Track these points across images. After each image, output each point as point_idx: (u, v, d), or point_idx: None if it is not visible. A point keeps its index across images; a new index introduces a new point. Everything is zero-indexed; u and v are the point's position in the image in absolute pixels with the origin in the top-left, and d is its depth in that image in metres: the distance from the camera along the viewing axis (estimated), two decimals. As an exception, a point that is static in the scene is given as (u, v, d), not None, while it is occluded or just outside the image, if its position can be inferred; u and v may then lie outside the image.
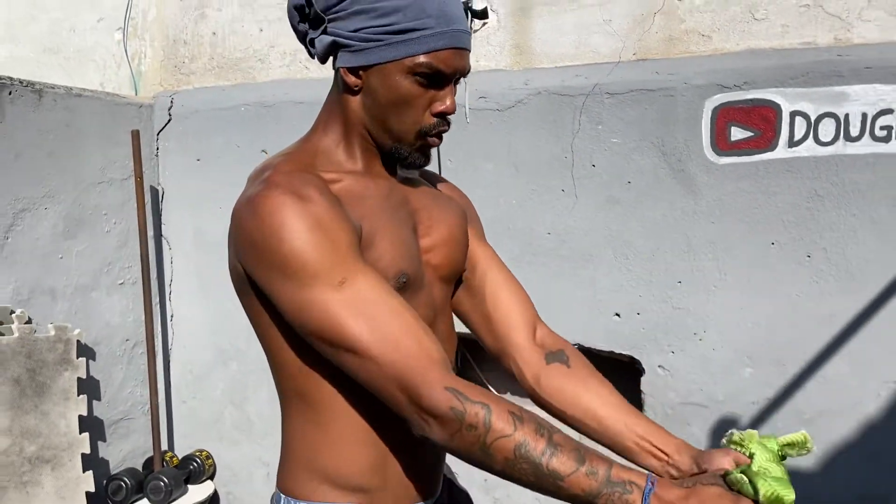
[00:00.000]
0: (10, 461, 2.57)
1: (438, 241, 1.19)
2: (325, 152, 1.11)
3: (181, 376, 3.24)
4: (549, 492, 0.92)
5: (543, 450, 0.90)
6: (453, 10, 1.05)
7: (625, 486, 0.89)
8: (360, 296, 0.96)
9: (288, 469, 1.13)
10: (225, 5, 3.18)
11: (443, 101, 1.07)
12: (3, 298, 2.65)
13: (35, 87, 2.77)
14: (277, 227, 0.95)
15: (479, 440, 0.91)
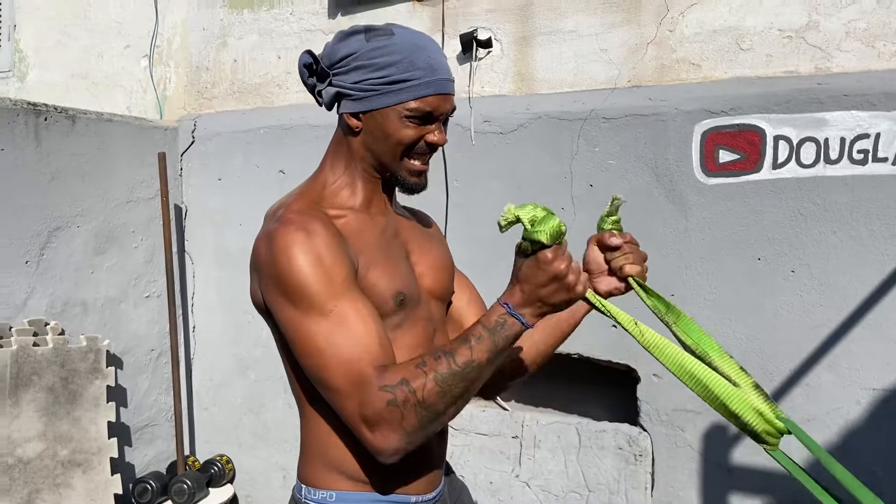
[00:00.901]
0: (45, 464, 2.74)
1: (429, 267, 1.36)
2: (332, 191, 1.28)
3: (202, 385, 3.41)
4: (479, 378, 1.09)
5: (448, 362, 1.07)
6: (439, 62, 1.23)
7: (500, 322, 1.09)
8: (340, 324, 1.11)
9: (305, 463, 1.28)
10: (245, 34, 3.38)
11: (433, 133, 1.24)
12: (39, 311, 2.84)
13: (68, 112, 2.97)
14: (287, 260, 1.12)
15: (417, 404, 1.06)
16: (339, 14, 3.16)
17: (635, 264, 1.27)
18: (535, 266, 1.08)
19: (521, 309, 1.09)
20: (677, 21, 2.61)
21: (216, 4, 3.45)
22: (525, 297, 1.09)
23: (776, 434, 1.05)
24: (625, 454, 2.57)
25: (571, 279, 1.08)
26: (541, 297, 1.09)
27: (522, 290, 1.09)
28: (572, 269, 1.09)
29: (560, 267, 1.07)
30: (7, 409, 2.63)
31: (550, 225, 1.06)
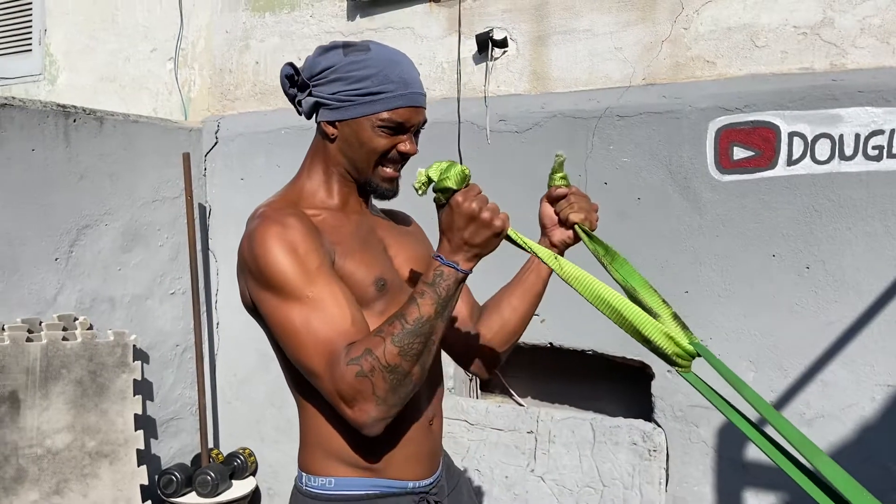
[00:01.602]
0: (73, 455, 2.83)
1: (407, 259, 1.42)
2: (309, 192, 1.35)
3: (226, 379, 3.49)
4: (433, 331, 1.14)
5: (401, 323, 1.13)
6: (411, 76, 1.31)
7: (437, 274, 1.15)
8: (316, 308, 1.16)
9: (305, 452, 1.34)
10: (267, 37, 3.45)
11: (404, 143, 1.32)
12: (68, 307, 2.93)
13: (96, 114, 3.06)
14: (264, 252, 1.19)
15: (383, 369, 1.11)
16: (357, 16, 3.21)
17: (579, 212, 1.35)
18: (451, 212, 1.15)
19: (453, 256, 1.15)
20: (692, 19, 2.62)
21: (239, 8, 3.52)
22: (452, 245, 1.15)
23: (687, 357, 1.09)
24: (639, 449, 2.59)
25: (486, 216, 1.13)
26: (465, 240, 1.14)
27: (448, 238, 1.16)
28: (487, 208, 1.14)
29: (472, 206, 1.13)
30: (37, 401, 2.72)
31: (454, 171, 1.15)
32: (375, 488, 1.28)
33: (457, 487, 1.49)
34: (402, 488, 1.30)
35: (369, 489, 1.28)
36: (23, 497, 2.66)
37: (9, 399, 2.65)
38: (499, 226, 1.14)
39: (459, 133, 2.88)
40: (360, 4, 3.19)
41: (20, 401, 2.68)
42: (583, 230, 1.34)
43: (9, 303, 2.73)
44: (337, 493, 1.27)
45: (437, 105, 2.97)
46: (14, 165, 2.74)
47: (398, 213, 1.58)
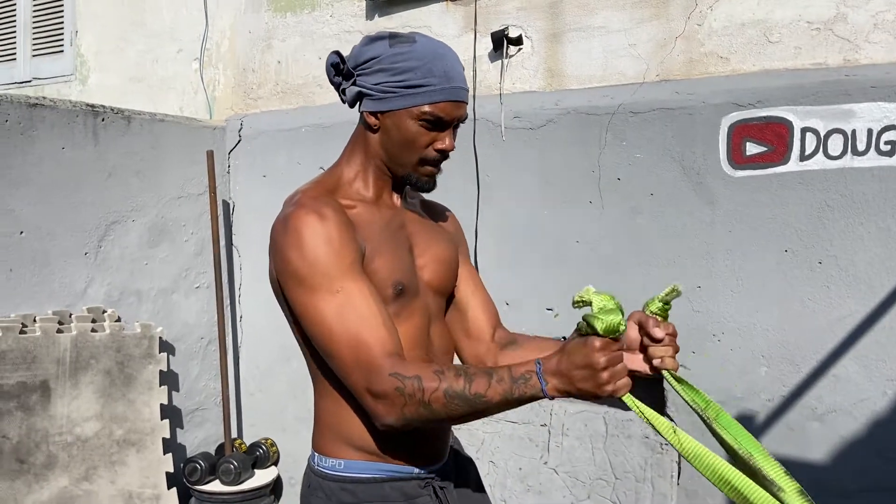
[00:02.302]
0: (102, 443, 2.93)
1: (431, 260, 1.43)
2: (346, 181, 1.38)
3: (249, 371, 3.57)
4: (483, 411, 1.14)
5: (464, 384, 1.13)
6: (455, 70, 1.31)
7: (525, 377, 1.12)
8: (347, 303, 1.20)
9: (319, 435, 1.39)
10: (288, 37, 3.52)
11: (443, 140, 1.32)
12: (97, 299, 3.03)
13: (124, 113, 3.16)
14: (298, 241, 1.22)
15: (421, 402, 1.13)
16: (376, 15, 3.27)
17: (673, 358, 1.24)
18: (580, 346, 1.10)
19: (549, 377, 1.11)
20: (706, 15, 2.63)
21: (261, 8, 3.60)
22: (558, 367, 1.11)
23: None
24: (651, 443, 2.62)
25: (604, 376, 1.08)
26: (571, 375, 1.10)
27: (559, 360, 1.11)
28: (611, 370, 1.08)
29: (599, 359, 1.07)
30: (67, 391, 2.83)
31: (610, 318, 1.08)
32: (382, 472, 1.33)
33: (464, 474, 1.52)
34: (408, 473, 1.34)
35: (376, 473, 1.32)
36: (53, 483, 2.76)
37: (40, 388, 2.75)
38: (607, 391, 1.10)
39: (475, 130, 2.92)
40: (379, 4, 3.25)
41: (51, 390, 2.79)
42: (677, 380, 1.20)
43: (40, 295, 2.84)
44: (346, 475, 1.32)
45: (453, 102, 3.02)
46: (45, 164, 2.84)
47: (437, 206, 1.59)
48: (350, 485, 1.32)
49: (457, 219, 1.64)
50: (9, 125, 2.72)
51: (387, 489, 1.32)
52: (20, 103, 2.76)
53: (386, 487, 1.33)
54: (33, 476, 2.71)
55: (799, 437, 2.42)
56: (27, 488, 2.69)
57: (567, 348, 1.12)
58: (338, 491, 1.32)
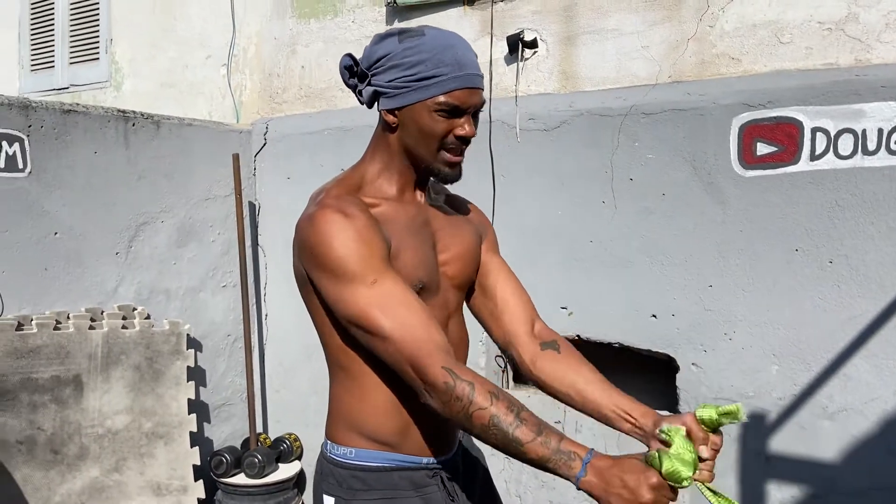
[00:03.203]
0: (131, 435, 3.05)
1: (453, 256, 1.47)
2: (370, 180, 1.41)
3: (274, 368, 3.67)
4: (513, 454, 1.16)
5: (511, 422, 1.14)
6: (466, 58, 1.31)
7: (570, 455, 1.13)
8: (385, 293, 1.24)
9: (332, 423, 1.45)
10: (312, 42, 3.62)
11: (462, 127, 1.33)
12: (127, 297, 3.15)
13: (153, 118, 3.28)
14: (327, 238, 1.26)
15: (464, 409, 1.16)
16: (395, 20, 3.35)
17: (710, 472, 1.25)
18: (638, 471, 1.10)
19: (592, 472, 1.12)
20: (717, 16, 2.65)
21: (286, 15, 3.70)
22: (605, 472, 1.11)
23: None
24: (663, 440, 2.64)
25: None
26: (611, 486, 1.10)
27: (611, 468, 1.11)
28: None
29: (647, 495, 1.08)
30: (98, 385, 2.95)
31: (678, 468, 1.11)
32: (392, 462, 1.38)
33: (473, 467, 1.56)
34: (416, 463, 1.39)
35: (386, 462, 1.38)
36: (85, 473, 2.88)
37: (73, 382, 2.88)
38: None
39: (490, 131, 2.97)
40: (398, 9, 3.33)
41: (83, 384, 2.91)
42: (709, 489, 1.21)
43: (73, 293, 2.97)
44: (357, 463, 1.38)
45: (470, 105, 3.08)
46: (78, 167, 2.97)
47: (460, 200, 1.62)
48: (360, 472, 1.37)
49: (481, 210, 1.66)
50: (44, 130, 2.85)
51: (395, 478, 1.38)
52: (55, 109, 2.89)
53: (395, 476, 1.38)
54: (66, 466, 2.84)
55: (810, 435, 2.43)
56: (60, 478, 2.81)
57: (624, 464, 1.12)
58: (348, 478, 1.38)
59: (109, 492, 2.94)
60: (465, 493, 1.48)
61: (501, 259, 1.63)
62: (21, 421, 2.71)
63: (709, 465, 1.24)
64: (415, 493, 1.37)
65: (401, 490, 1.37)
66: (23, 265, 2.80)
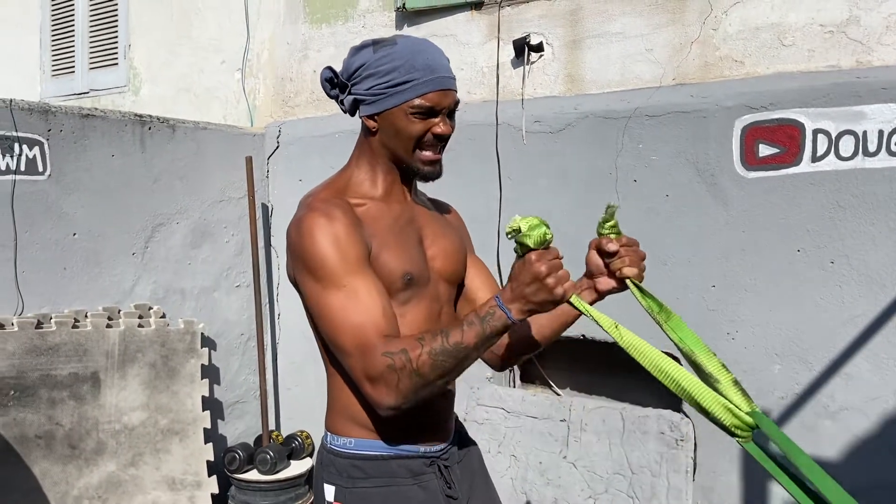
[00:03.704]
0: (147, 431, 3.13)
1: (441, 251, 1.54)
2: (355, 182, 1.48)
3: (286, 367, 3.74)
4: (468, 358, 1.25)
5: (442, 340, 1.24)
6: (437, 62, 1.40)
7: (490, 313, 1.24)
8: (352, 296, 1.31)
9: (331, 415, 1.51)
10: (323, 47, 3.68)
11: (438, 126, 1.41)
12: (143, 297, 3.24)
13: (169, 122, 3.36)
14: (310, 241, 1.33)
15: (412, 371, 1.23)
16: (405, 25, 3.40)
17: (632, 266, 1.36)
18: (522, 266, 1.23)
19: (509, 304, 1.23)
20: (721, 20, 2.68)
21: (298, 20, 3.78)
22: (513, 293, 1.23)
23: (746, 428, 1.12)
24: (666, 439, 2.67)
25: (550, 282, 1.20)
26: (525, 294, 1.22)
27: (512, 287, 1.24)
28: (555, 275, 1.20)
29: (541, 269, 1.20)
30: (115, 382, 3.03)
31: (537, 232, 1.22)
32: (389, 451, 1.44)
33: (468, 456, 1.62)
34: (414, 452, 1.45)
35: (384, 451, 1.43)
36: (102, 467, 2.97)
37: (91, 379, 2.96)
38: (558, 294, 1.21)
39: (497, 134, 3.02)
40: (407, 14, 3.38)
41: (100, 381, 2.99)
42: (636, 286, 1.34)
43: (91, 293, 3.05)
44: (355, 453, 1.44)
45: (477, 108, 3.13)
46: (96, 170, 3.05)
47: (443, 203, 1.70)
48: (359, 461, 1.43)
49: (460, 215, 1.73)
50: (63, 134, 2.94)
51: (393, 466, 1.43)
52: (73, 114, 2.98)
53: (392, 464, 1.43)
54: (84, 461, 2.92)
55: (811, 434, 2.45)
56: (78, 472, 2.90)
57: (513, 274, 1.25)
58: (348, 467, 1.43)
59: (126, 486, 3.02)
60: (462, 482, 1.53)
61: (479, 260, 1.70)
62: (40, 416, 2.80)
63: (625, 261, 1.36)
64: (412, 481, 1.43)
65: (398, 478, 1.42)
66: (42, 265, 2.89)
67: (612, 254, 1.38)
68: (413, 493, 1.43)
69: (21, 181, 2.81)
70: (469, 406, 3.12)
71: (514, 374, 3.25)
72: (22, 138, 2.81)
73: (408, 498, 1.42)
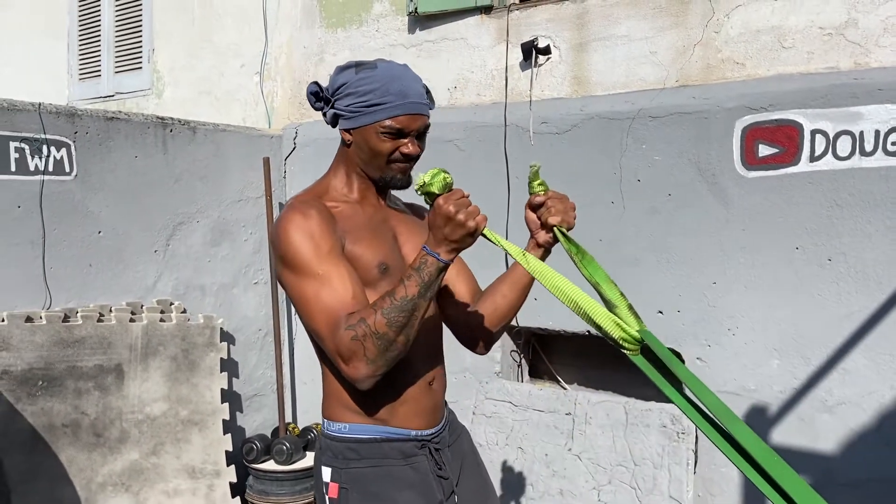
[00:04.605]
0: (168, 422, 3.25)
1: (414, 247, 1.64)
2: (334, 188, 1.61)
3: (302, 361, 3.86)
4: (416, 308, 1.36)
5: (389, 300, 1.36)
6: (410, 88, 1.51)
7: (422, 262, 1.37)
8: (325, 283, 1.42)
9: (327, 403, 1.60)
10: (339, 50, 3.79)
11: (406, 146, 1.54)
12: (165, 292, 3.36)
13: (190, 124, 3.48)
14: (287, 236, 1.46)
15: (372, 335, 1.34)
16: (417, 29, 3.50)
17: (556, 215, 1.51)
18: (434, 212, 1.37)
19: (436, 248, 1.37)
20: (723, 22, 2.75)
21: (315, 25, 3.89)
22: (435, 239, 1.37)
23: (633, 341, 1.26)
24: (668, 432, 2.74)
25: (461, 217, 1.34)
26: (445, 235, 1.36)
27: (433, 234, 1.37)
28: (464, 211, 1.34)
29: (449, 209, 1.34)
30: (138, 374, 3.16)
31: (438, 178, 1.38)
32: (382, 434, 1.53)
33: (458, 440, 1.71)
34: (405, 435, 1.55)
35: (376, 434, 1.53)
36: (125, 455, 3.09)
37: (115, 371, 3.09)
38: (472, 226, 1.34)
39: (506, 135, 3.11)
40: (420, 19, 3.48)
41: (124, 373, 3.13)
42: (560, 231, 1.49)
43: (115, 288, 3.19)
44: (350, 437, 1.53)
45: (486, 109, 3.22)
46: (119, 171, 3.19)
47: (418, 207, 1.81)
48: (353, 444, 1.53)
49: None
50: (88, 137, 3.07)
51: (386, 448, 1.53)
52: (98, 117, 3.11)
53: (385, 447, 1.53)
54: (108, 449, 3.05)
55: (809, 428, 2.51)
56: (102, 459, 3.03)
57: (429, 222, 1.39)
58: (343, 450, 1.53)
59: (147, 473, 3.14)
60: (453, 464, 1.62)
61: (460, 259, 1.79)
62: (67, 406, 2.93)
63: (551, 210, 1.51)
64: (404, 462, 1.53)
65: (391, 459, 1.52)
66: (69, 261, 3.03)
67: (540, 207, 1.55)
68: (404, 474, 1.52)
69: (49, 181, 2.95)
70: (478, 400, 3.21)
71: (523, 369, 3.33)
72: (50, 140, 2.94)
73: (399, 478, 1.51)
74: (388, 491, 1.51)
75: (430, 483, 1.54)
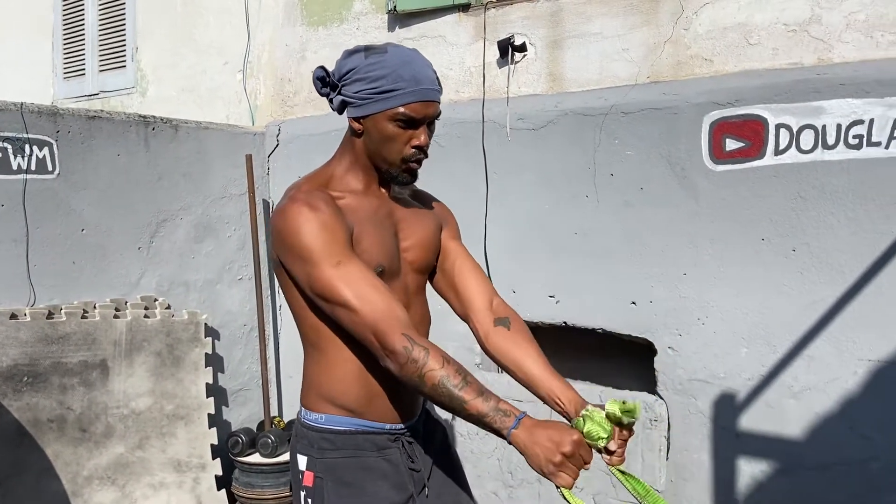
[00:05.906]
0: (153, 416, 3.30)
1: (414, 244, 1.66)
2: (337, 177, 1.59)
3: (287, 356, 3.91)
4: (457, 411, 1.34)
5: (457, 384, 1.33)
6: (423, 73, 1.49)
7: (505, 412, 1.32)
8: (349, 273, 1.43)
9: (306, 393, 1.64)
10: (320, 48, 3.84)
11: (418, 137, 1.51)
12: (149, 289, 3.41)
13: (172, 122, 3.53)
14: (296, 229, 1.45)
15: (418, 371, 1.34)
16: (396, 27, 3.55)
17: (622, 458, 1.42)
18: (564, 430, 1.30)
19: (523, 428, 1.30)
20: (691, 20, 2.81)
21: (296, 23, 3.93)
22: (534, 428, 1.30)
23: None
24: (642, 419, 2.81)
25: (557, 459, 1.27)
26: (538, 439, 1.29)
27: (541, 424, 1.30)
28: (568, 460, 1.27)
29: (567, 447, 1.27)
30: (123, 369, 3.21)
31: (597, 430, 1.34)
32: (357, 426, 1.57)
33: (432, 433, 1.74)
34: (379, 428, 1.58)
35: (351, 426, 1.57)
36: (111, 449, 3.14)
37: (99, 366, 3.14)
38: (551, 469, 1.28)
39: (483, 131, 3.16)
40: (399, 17, 3.53)
41: (109, 368, 3.17)
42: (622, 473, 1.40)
43: (99, 285, 3.23)
44: (326, 427, 1.57)
45: (464, 106, 3.28)
46: (102, 169, 3.23)
47: (425, 195, 1.79)
48: (329, 434, 1.56)
49: (444, 204, 1.84)
50: (71, 135, 3.11)
51: (360, 440, 1.57)
52: (80, 116, 3.15)
53: (359, 439, 1.57)
54: (94, 443, 3.10)
55: (777, 413, 2.58)
56: (88, 454, 3.08)
57: (551, 424, 1.31)
58: (318, 440, 1.57)
59: (133, 467, 3.19)
60: (424, 456, 1.66)
61: (462, 245, 1.81)
62: (52, 401, 2.98)
63: (619, 454, 1.41)
64: (377, 454, 1.57)
65: (364, 450, 1.56)
66: (53, 259, 3.07)
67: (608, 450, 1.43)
68: (377, 465, 1.56)
69: (32, 180, 2.99)
70: (458, 391, 3.27)
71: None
72: (32, 139, 2.98)
73: (373, 468, 1.55)
74: (362, 481, 1.54)
75: (402, 475, 1.57)
